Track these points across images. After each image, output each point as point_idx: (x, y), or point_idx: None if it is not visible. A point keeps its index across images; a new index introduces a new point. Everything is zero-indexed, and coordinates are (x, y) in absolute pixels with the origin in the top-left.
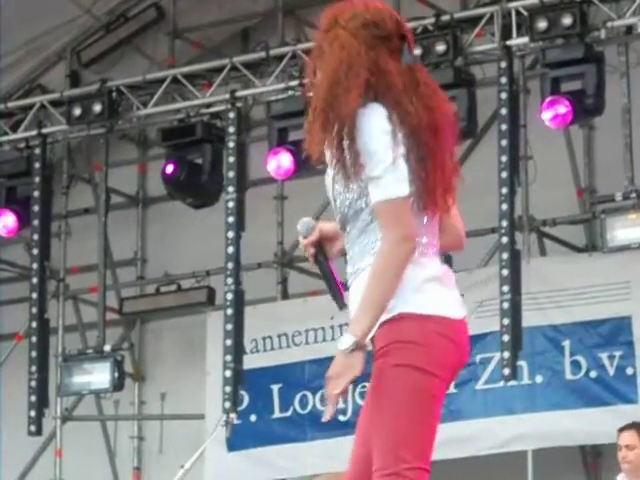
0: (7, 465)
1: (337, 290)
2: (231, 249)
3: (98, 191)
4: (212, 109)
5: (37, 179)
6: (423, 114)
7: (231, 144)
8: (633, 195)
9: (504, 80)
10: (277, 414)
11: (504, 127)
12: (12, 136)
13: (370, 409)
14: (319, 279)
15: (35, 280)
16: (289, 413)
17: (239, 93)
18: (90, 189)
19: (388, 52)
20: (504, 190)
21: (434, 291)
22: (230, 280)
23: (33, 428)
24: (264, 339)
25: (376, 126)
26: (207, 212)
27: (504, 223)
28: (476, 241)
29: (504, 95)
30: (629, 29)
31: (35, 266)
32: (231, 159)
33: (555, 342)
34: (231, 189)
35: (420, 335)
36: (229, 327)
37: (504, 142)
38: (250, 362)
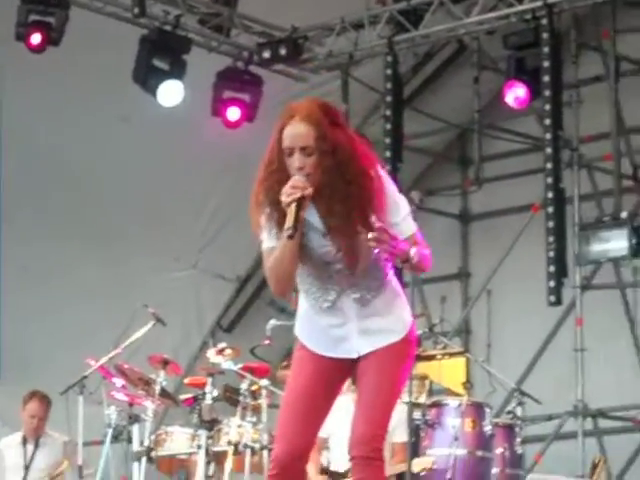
0: (530, 335)
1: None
2: None
3: (607, 59)
4: None
5: (546, 49)
6: None
7: None
8: None
9: None
10: None
11: None
12: (519, 7)
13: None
14: None
15: (549, 150)
16: None
17: None
18: (599, 57)
19: None
20: None
21: None
22: None
23: (553, 298)
24: None
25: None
26: None
27: None
28: None
29: None
30: None
31: (548, 136)
32: None
33: None
34: None
35: None
36: None
37: None
38: None
